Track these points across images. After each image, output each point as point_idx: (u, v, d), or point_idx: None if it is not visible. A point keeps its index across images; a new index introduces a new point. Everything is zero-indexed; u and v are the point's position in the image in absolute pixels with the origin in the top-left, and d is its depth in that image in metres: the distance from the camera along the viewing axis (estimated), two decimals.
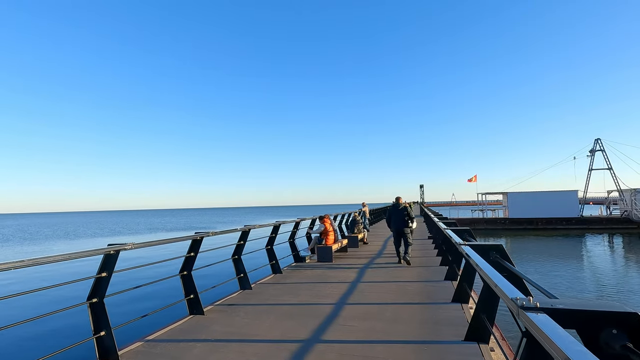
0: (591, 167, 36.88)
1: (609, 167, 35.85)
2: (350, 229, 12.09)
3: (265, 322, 4.22)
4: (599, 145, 36.45)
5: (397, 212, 8.28)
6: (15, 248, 31.71)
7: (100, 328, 3.20)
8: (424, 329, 3.83)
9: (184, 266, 4.72)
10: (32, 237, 43.83)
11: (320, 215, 9.62)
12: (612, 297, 10.88)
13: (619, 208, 33.92)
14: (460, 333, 3.55)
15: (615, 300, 10.45)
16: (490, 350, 3.17)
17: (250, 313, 4.63)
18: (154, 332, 3.89)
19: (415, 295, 5.25)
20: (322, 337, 3.67)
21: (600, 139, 36.36)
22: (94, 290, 3.23)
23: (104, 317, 3.21)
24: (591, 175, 36.80)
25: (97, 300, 3.23)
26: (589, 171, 36.97)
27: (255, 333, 3.85)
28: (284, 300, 5.26)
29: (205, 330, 3.98)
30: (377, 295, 5.33)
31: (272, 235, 7.49)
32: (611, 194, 36.32)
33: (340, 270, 7.45)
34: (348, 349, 3.35)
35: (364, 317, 4.29)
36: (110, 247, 3.22)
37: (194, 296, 4.64)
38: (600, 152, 36.34)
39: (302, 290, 5.84)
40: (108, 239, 37.29)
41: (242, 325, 4.14)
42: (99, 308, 3.22)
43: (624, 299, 10.70)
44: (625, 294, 11.29)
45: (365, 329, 3.86)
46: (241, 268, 6.00)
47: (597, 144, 36.51)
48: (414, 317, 4.25)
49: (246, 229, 6.07)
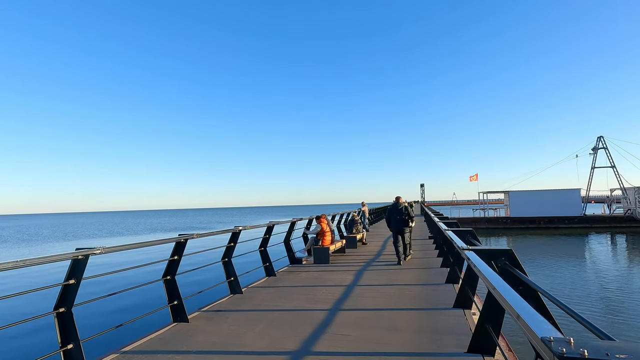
0: (594, 165, 36.53)
1: (612, 165, 35.50)
2: (348, 229, 11.80)
3: (252, 330, 3.94)
4: (602, 143, 36.07)
5: (397, 211, 8.20)
6: (12, 250, 31.49)
7: (68, 340, 2.93)
8: (423, 338, 3.55)
9: (167, 270, 4.44)
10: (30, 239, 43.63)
11: (317, 215, 9.33)
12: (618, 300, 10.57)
13: (622, 206, 33.59)
14: (463, 344, 3.27)
15: (624, 304, 10.13)
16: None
17: (238, 320, 4.35)
18: (131, 343, 3.61)
19: (414, 300, 4.94)
20: (312, 348, 3.39)
21: (603, 136, 35.98)
22: (61, 299, 2.96)
23: (72, 328, 2.94)
24: (594, 174, 36.48)
25: (65, 309, 2.95)
26: (591, 169, 36.62)
27: (240, 343, 3.58)
28: (276, 305, 4.96)
29: (187, 340, 3.71)
30: (374, 300, 5.04)
31: (265, 236, 7.22)
32: (614, 192, 35.99)
33: (336, 272, 7.17)
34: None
35: (358, 325, 4.01)
36: (78, 251, 2.95)
37: (178, 302, 4.37)
38: (603, 149, 35.96)
39: (296, 294, 5.57)
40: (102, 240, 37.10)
41: (228, 334, 3.87)
42: (67, 318, 2.95)
43: (630, 301, 10.40)
44: (631, 295, 11.00)
45: (359, 339, 3.58)
46: (231, 271, 5.73)
47: (600, 142, 36.13)
48: (413, 325, 3.96)
49: (236, 230, 5.80)
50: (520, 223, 31.62)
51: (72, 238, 42.54)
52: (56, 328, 2.92)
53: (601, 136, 35.97)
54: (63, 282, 2.96)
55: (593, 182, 36.41)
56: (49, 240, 40.67)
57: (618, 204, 34.72)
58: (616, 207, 35.01)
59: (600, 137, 36.00)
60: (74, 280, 2.98)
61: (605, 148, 35.92)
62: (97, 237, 43.02)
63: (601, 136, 35.97)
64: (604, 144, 36.02)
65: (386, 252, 9.73)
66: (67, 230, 58.78)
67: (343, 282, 6.25)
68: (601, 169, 36.29)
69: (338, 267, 7.71)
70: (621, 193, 34.11)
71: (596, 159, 36.41)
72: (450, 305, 4.58)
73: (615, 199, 35.83)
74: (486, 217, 34.10)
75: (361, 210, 16.91)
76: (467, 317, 4.15)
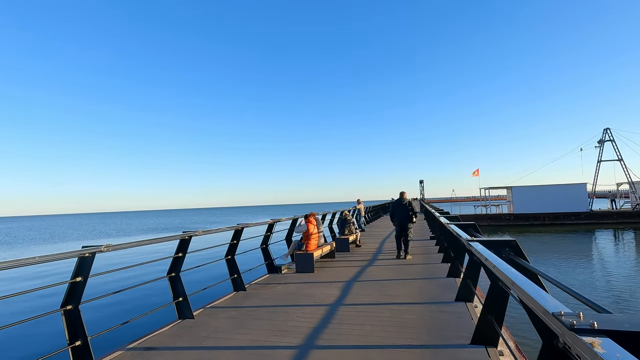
0: (600, 159, 36.65)
1: (619, 158, 35.61)
2: (340, 229, 10.81)
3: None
4: (609, 135, 36.13)
5: (401, 207, 8.48)
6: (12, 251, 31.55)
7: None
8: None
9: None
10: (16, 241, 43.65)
11: (305, 214, 8.23)
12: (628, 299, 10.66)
13: (630, 201, 33.59)
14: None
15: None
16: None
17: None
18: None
19: (414, 329, 3.74)
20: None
21: (609, 128, 36.04)
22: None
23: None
24: (600, 167, 36.57)
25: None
26: (597, 162, 36.72)
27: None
28: (229, 339, 3.71)
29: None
30: (362, 329, 3.82)
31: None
32: (620, 186, 36.06)
33: (320, 285, 6.10)
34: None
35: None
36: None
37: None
38: (610, 142, 36.03)
39: (261, 319, 4.34)
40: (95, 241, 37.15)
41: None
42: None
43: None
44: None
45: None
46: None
47: (607, 134, 36.17)
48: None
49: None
50: (524, 220, 31.53)
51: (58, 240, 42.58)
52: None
53: (607, 128, 36.04)
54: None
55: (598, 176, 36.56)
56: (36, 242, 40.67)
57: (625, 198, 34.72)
58: (624, 202, 35.04)
59: (607, 129, 36.02)
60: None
61: (612, 140, 35.98)
62: (97, 237, 43.14)
63: (607, 128, 36.04)
64: (611, 136, 36.06)
65: (381, 257, 8.84)
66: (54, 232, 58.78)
67: (325, 299, 5.14)
68: (608, 162, 36.42)
69: (323, 277, 6.66)
70: (628, 187, 34.17)
71: (602, 152, 36.51)
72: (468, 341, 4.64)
73: (621, 193, 35.85)
74: (488, 213, 34.11)
75: (356, 208, 16.23)
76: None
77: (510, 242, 2.78)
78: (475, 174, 38.84)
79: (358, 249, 10.41)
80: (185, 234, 4.56)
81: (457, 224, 4.89)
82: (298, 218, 8.57)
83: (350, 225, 10.54)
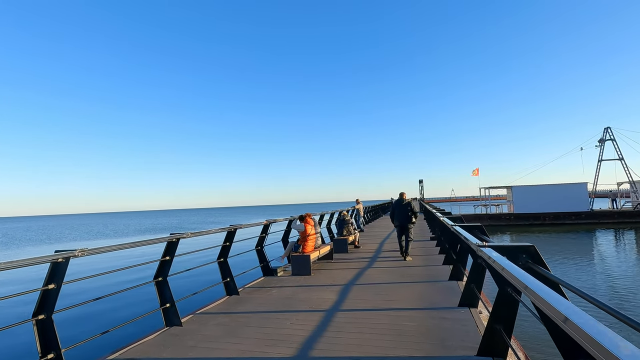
0: (601, 158, 36.47)
1: (620, 158, 35.45)
2: (338, 230, 10.57)
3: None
4: (609, 134, 35.95)
5: (401, 207, 8.59)
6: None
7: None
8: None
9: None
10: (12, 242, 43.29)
11: (301, 215, 7.91)
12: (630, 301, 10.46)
13: (631, 201, 33.51)
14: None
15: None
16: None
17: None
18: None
19: (415, 338, 3.50)
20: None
21: (610, 127, 35.85)
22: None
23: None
24: (601, 166, 36.43)
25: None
26: (598, 162, 36.55)
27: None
28: (217, 349, 3.47)
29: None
30: (359, 338, 3.56)
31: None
32: (621, 185, 35.94)
33: (316, 288, 5.83)
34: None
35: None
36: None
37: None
38: (611, 141, 35.86)
39: (253, 326, 4.09)
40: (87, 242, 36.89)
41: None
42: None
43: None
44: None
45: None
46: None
47: (607, 133, 36.01)
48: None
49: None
50: (525, 219, 31.39)
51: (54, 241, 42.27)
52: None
53: (608, 127, 35.84)
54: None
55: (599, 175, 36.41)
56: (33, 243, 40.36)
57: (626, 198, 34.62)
58: (625, 202, 34.93)
59: (608, 128, 35.87)
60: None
61: (612, 140, 35.81)
62: (83, 239, 42.78)
63: (608, 127, 35.84)
64: (612, 135, 35.89)
65: (381, 257, 8.75)
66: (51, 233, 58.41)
67: (321, 304, 4.87)
68: (608, 161, 36.28)
69: (320, 281, 6.40)
70: (629, 186, 34.07)
71: (603, 151, 36.36)
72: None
73: (622, 193, 35.73)
74: (488, 213, 33.88)
75: (355, 208, 16.00)
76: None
77: (528, 248, 2.43)
78: (475, 173, 38.64)
79: (357, 250, 10.18)
80: (173, 236, 4.32)
81: (462, 225, 4.63)
82: (294, 219, 8.22)
83: (348, 225, 10.34)
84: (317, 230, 7.81)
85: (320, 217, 11.14)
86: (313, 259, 7.21)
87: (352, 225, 10.54)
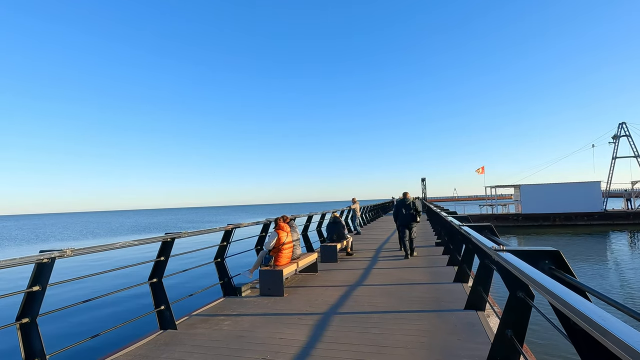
0: (615, 155, 35.99)
1: (635, 155, 34.99)
2: (328, 234, 9.29)
3: None
4: (624, 130, 35.40)
5: (405, 206, 8.91)
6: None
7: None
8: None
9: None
10: None
11: (276, 218, 6.52)
12: None
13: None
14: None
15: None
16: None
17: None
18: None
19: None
20: None
21: (625, 123, 35.23)
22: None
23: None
24: (615, 164, 35.98)
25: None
26: (612, 159, 36.08)
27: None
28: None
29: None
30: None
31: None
32: (636, 184, 35.49)
33: (285, 318, 4.41)
34: None
35: None
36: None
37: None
38: (626, 137, 35.33)
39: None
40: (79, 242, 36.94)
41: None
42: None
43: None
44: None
45: None
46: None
47: (622, 129, 35.48)
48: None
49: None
50: (533, 220, 30.80)
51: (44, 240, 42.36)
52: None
53: (623, 122, 35.25)
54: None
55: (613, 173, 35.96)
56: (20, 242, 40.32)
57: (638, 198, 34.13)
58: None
59: (622, 124, 35.29)
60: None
61: (628, 135, 35.28)
62: (74, 238, 42.84)
63: (623, 122, 35.25)
64: (627, 131, 35.34)
65: (377, 270, 7.32)
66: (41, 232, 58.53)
67: (285, 349, 3.41)
68: (623, 159, 35.84)
69: (293, 305, 4.95)
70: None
71: (617, 148, 35.86)
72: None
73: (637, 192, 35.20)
74: (494, 213, 33.28)
75: (351, 208, 14.96)
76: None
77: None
78: (480, 171, 38.20)
79: (348, 258, 8.91)
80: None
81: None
82: (270, 222, 6.89)
83: (340, 229, 9.14)
84: (294, 237, 6.38)
85: (308, 218, 10.02)
86: (287, 274, 5.84)
87: (345, 229, 9.44)
